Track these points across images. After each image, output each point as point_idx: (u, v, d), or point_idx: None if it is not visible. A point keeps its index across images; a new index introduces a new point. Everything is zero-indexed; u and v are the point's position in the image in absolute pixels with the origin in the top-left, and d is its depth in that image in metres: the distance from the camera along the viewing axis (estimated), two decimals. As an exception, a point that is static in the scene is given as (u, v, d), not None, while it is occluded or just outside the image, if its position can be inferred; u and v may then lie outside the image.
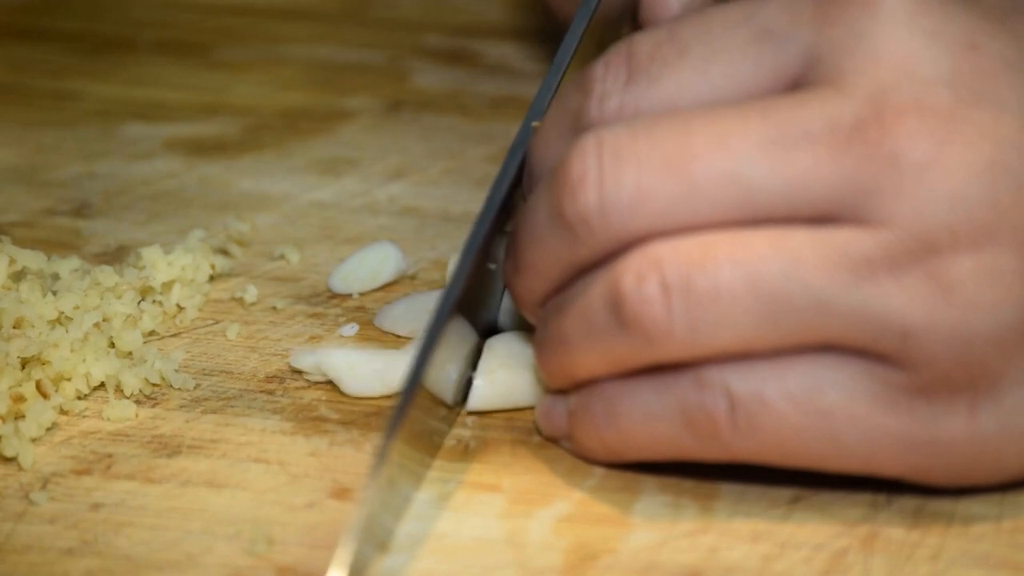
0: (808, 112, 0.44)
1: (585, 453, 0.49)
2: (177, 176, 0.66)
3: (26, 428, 0.50)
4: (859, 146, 0.44)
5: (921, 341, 0.44)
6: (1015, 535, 0.47)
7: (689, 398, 0.46)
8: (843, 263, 0.44)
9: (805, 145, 0.44)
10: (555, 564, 0.46)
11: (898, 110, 0.44)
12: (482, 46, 0.76)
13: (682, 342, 0.45)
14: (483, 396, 0.51)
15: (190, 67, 0.74)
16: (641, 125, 0.45)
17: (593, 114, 0.47)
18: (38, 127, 0.69)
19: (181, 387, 0.53)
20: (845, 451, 0.46)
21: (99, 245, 0.61)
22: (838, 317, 0.44)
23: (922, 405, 0.45)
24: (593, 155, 0.45)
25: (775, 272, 0.44)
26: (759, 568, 0.46)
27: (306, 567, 0.46)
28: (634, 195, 0.45)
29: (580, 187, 0.45)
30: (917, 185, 0.44)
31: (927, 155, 0.44)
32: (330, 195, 0.64)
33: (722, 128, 0.45)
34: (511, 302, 0.52)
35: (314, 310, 0.57)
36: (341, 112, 0.71)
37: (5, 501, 0.48)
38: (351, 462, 0.50)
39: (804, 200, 0.44)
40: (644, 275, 0.45)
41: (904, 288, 0.44)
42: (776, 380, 0.45)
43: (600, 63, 0.48)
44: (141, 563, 0.46)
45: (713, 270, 0.44)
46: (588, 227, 0.46)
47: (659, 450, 0.47)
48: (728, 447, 0.46)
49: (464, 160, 0.67)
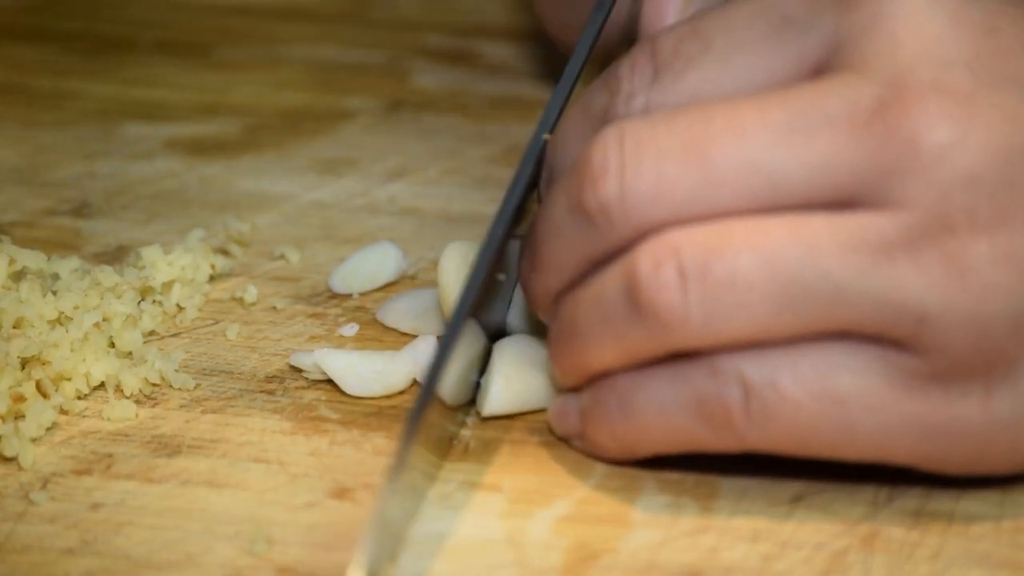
0: (828, 97, 0.44)
1: (597, 450, 0.49)
2: (177, 176, 0.66)
3: (26, 428, 0.50)
4: (879, 128, 0.44)
5: (937, 325, 0.44)
6: (1015, 535, 0.47)
7: (703, 388, 0.46)
8: (861, 247, 0.44)
9: (825, 129, 0.44)
10: (555, 564, 0.46)
11: (918, 92, 0.44)
12: (482, 46, 0.76)
13: (698, 329, 0.45)
14: (499, 400, 0.51)
15: (190, 67, 0.74)
16: (661, 117, 0.46)
17: (620, 112, 0.48)
18: (38, 127, 0.69)
19: (181, 387, 0.53)
20: (859, 439, 0.45)
21: (99, 245, 0.61)
22: (855, 302, 0.44)
23: (937, 391, 0.45)
24: (614, 147, 0.46)
25: (793, 258, 0.44)
26: (759, 568, 0.46)
27: (306, 567, 0.46)
28: (654, 185, 0.45)
29: (601, 178, 0.45)
30: (936, 167, 0.44)
31: (947, 137, 0.44)
32: (330, 195, 0.64)
33: (741, 116, 0.45)
34: (522, 304, 0.52)
35: (314, 310, 0.57)
36: (341, 112, 0.71)
37: (5, 501, 0.48)
38: (351, 462, 0.50)
39: (823, 185, 0.44)
40: (661, 261, 0.45)
41: (921, 271, 0.44)
42: (790, 368, 0.45)
43: (625, 62, 0.48)
44: (141, 563, 0.46)
45: (731, 256, 0.44)
46: (608, 218, 0.46)
47: (673, 442, 0.47)
48: (742, 437, 0.46)
49: (464, 160, 0.67)
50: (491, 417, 0.51)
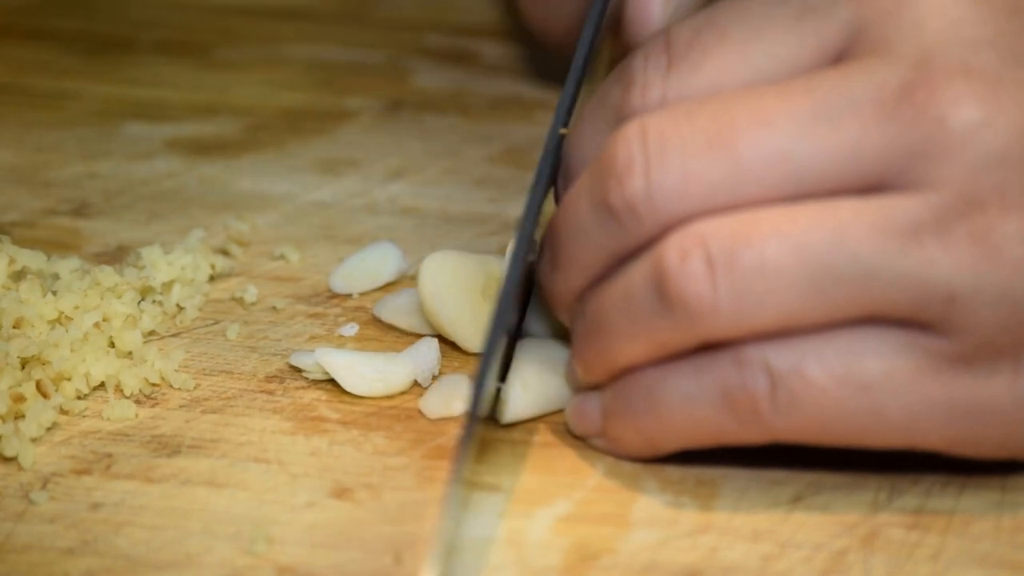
0: (853, 82, 0.44)
1: (621, 447, 0.49)
2: (177, 176, 0.66)
3: (26, 428, 0.50)
4: (907, 110, 0.44)
5: (967, 305, 0.44)
6: (1015, 535, 0.47)
7: (729, 378, 0.46)
8: (890, 230, 0.44)
9: (851, 114, 0.44)
10: (555, 564, 0.46)
11: (945, 73, 0.44)
12: (482, 46, 0.76)
13: (727, 318, 0.45)
14: (518, 407, 0.51)
15: (190, 67, 0.74)
16: (683, 109, 0.46)
17: (636, 105, 0.47)
18: (38, 127, 0.69)
19: (181, 387, 0.53)
20: (887, 424, 0.45)
21: (99, 245, 0.61)
22: (885, 286, 0.44)
23: (965, 373, 0.45)
24: (637, 142, 0.45)
25: (822, 243, 0.44)
26: (759, 568, 0.46)
27: (306, 567, 0.46)
28: (680, 179, 0.45)
29: (626, 175, 0.45)
30: (966, 147, 0.44)
31: (976, 116, 0.44)
32: (330, 195, 0.64)
33: (765, 106, 0.45)
34: (541, 307, 0.51)
35: (314, 310, 0.57)
36: (341, 112, 0.71)
37: (5, 501, 0.48)
38: (351, 462, 0.50)
39: (851, 170, 0.44)
40: (688, 252, 0.45)
41: (951, 251, 0.44)
42: (816, 355, 0.45)
43: (639, 55, 0.48)
44: (141, 563, 0.46)
45: (759, 244, 0.44)
46: (635, 214, 0.45)
47: (699, 435, 0.47)
48: (769, 426, 0.46)
49: (464, 160, 0.67)
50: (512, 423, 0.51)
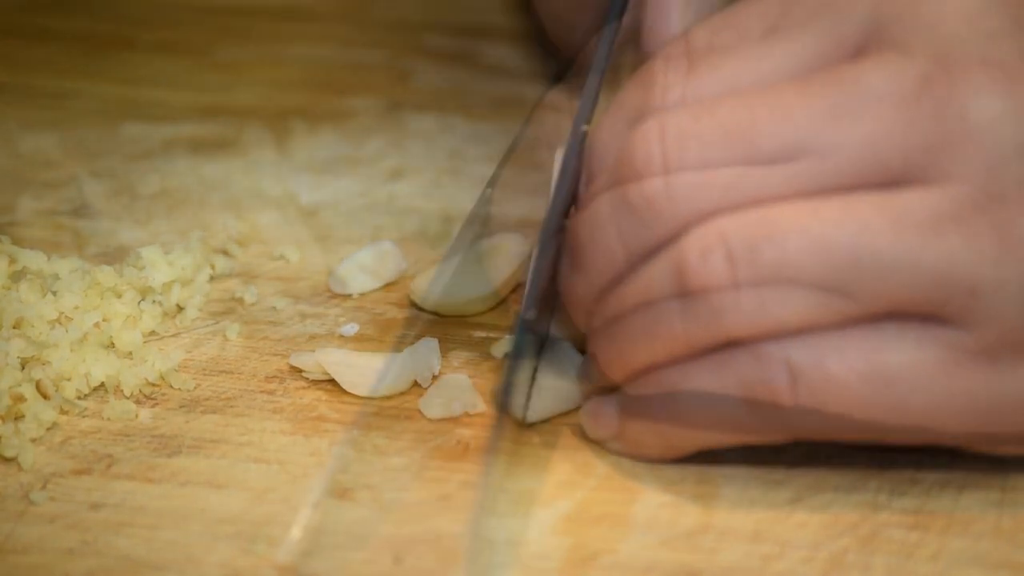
0: (872, 76, 0.44)
1: (638, 449, 0.49)
2: (177, 176, 0.66)
3: (26, 428, 0.50)
4: (926, 102, 0.44)
5: (989, 297, 0.44)
6: (1015, 535, 0.47)
7: (749, 374, 0.45)
8: (911, 224, 0.44)
9: (870, 109, 0.44)
10: (555, 564, 0.46)
11: (964, 65, 0.44)
12: (482, 46, 0.76)
13: (749, 314, 0.44)
14: (539, 407, 0.51)
15: (190, 67, 0.74)
16: (702, 106, 0.45)
17: (656, 106, 0.47)
18: (38, 127, 0.69)
19: (181, 387, 0.53)
20: (909, 419, 0.45)
21: (99, 245, 0.61)
22: (907, 280, 0.44)
23: (987, 366, 0.45)
24: (656, 139, 0.45)
25: (843, 238, 0.44)
26: (759, 568, 0.46)
27: (306, 567, 0.46)
28: (699, 174, 0.45)
29: (646, 171, 0.45)
30: (986, 138, 0.44)
31: (996, 108, 0.44)
32: (330, 195, 0.64)
33: (784, 101, 0.45)
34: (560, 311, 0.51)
35: (314, 310, 0.57)
36: (341, 112, 0.71)
37: (5, 501, 0.48)
38: (351, 462, 0.50)
39: (871, 165, 0.44)
40: (709, 248, 0.44)
41: (972, 244, 0.44)
42: (837, 350, 0.45)
43: (659, 58, 0.48)
44: (141, 563, 0.46)
45: (780, 239, 0.44)
46: (654, 211, 0.45)
47: (719, 434, 0.47)
48: (790, 422, 0.45)
49: (464, 160, 0.67)
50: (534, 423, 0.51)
